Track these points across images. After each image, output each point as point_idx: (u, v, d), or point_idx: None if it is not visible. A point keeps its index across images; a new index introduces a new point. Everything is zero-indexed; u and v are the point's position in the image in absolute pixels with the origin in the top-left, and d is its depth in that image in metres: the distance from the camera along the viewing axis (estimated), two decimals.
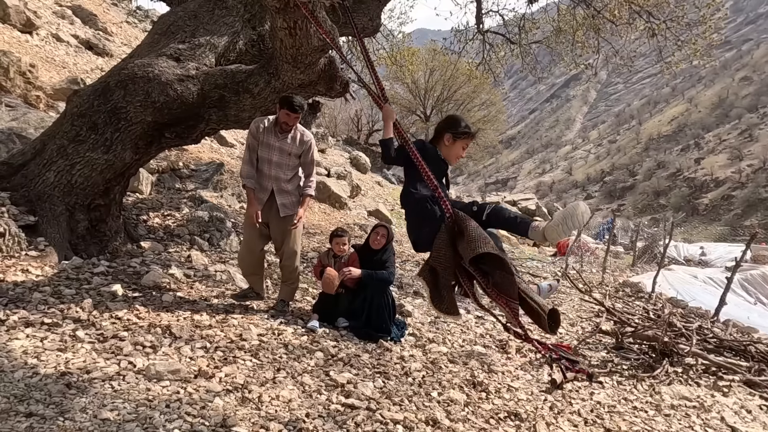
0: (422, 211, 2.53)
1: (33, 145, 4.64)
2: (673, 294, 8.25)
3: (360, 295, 4.25)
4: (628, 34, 8.85)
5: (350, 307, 4.25)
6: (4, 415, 2.18)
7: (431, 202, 2.51)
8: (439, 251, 2.40)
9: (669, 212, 64.82)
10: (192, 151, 8.35)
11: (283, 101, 3.83)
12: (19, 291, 3.40)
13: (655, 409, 3.77)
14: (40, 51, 10.09)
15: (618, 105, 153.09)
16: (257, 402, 2.76)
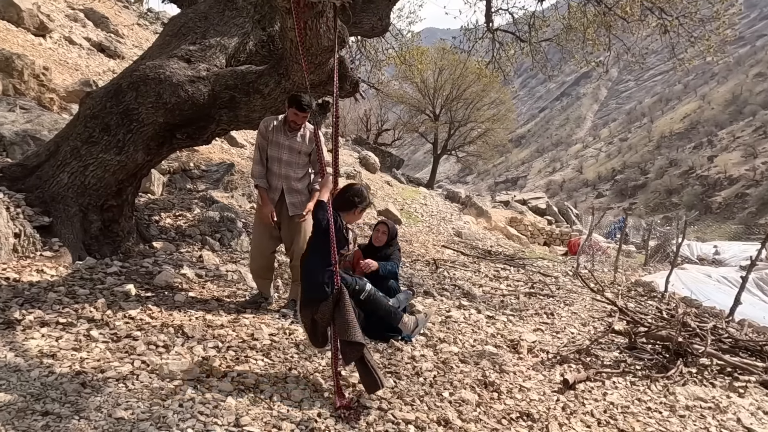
0: (315, 284, 3.07)
1: (47, 147, 4.69)
2: (686, 293, 8.16)
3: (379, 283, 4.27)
4: (640, 31, 8.76)
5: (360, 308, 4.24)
6: (21, 413, 2.21)
7: (326, 275, 3.03)
8: (324, 313, 3.01)
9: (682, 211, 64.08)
10: (203, 151, 8.41)
11: (291, 100, 3.85)
12: (34, 291, 3.44)
13: (669, 410, 3.73)
14: (53, 54, 10.21)
15: (629, 103, 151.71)
16: (269, 401, 2.77)
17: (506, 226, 17.07)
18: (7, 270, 3.62)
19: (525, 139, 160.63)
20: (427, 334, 4.43)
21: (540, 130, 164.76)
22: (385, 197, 14.07)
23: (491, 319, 5.21)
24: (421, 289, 5.97)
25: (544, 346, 4.67)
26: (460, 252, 9.76)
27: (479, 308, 5.49)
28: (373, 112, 30.50)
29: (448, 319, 4.94)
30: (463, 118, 29.32)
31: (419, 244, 9.83)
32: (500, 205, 22.29)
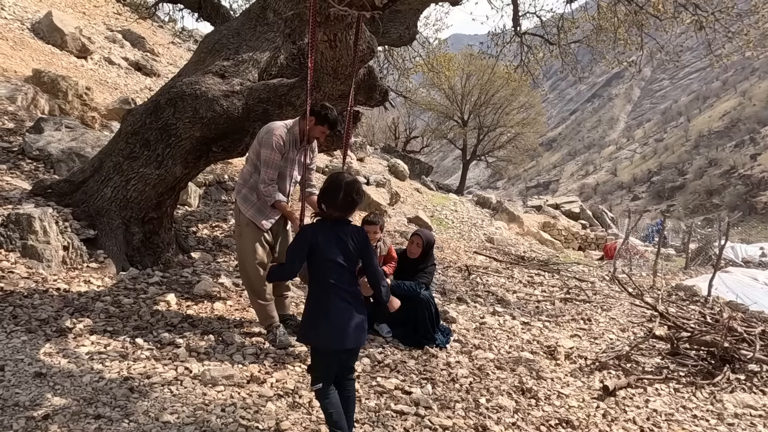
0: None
1: (91, 163, 4.91)
2: (731, 297, 7.84)
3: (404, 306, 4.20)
4: (674, 28, 8.53)
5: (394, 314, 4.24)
6: (75, 416, 2.32)
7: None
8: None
9: (724, 212, 61.67)
10: (236, 164, 8.62)
11: (323, 119, 3.49)
12: (83, 300, 3.60)
13: (717, 418, 3.60)
14: (94, 74, 10.68)
15: (664, 102, 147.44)
16: (308, 407, 2.81)
17: (539, 231, 16.80)
18: (58, 281, 3.80)
19: (556, 142, 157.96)
20: (462, 340, 4.41)
21: (571, 132, 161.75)
22: (415, 204, 14.07)
23: (526, 326, 5.15)
24: (454, 295, 5.94)
25: (581, 352, 4.58)
26: (493, 258, 9.67)
27: (514, 314, 5.43)
28: (402, 119, 30.60)
29: (482, 325, 4.91)
30: (492, 123, 29.12)
31: (450, 250, 9.78)
32: (532, 209, 21.95)
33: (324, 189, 2.41)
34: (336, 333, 2.36)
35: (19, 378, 2.57)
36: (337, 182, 2.39)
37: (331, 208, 2.38)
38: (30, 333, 3.05)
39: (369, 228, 3.95)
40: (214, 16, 6.66)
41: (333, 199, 2.37)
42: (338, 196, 2.36)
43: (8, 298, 3.35)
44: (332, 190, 2.37)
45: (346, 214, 2.42)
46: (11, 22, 10.41)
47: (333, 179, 2.42)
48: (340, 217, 2.41)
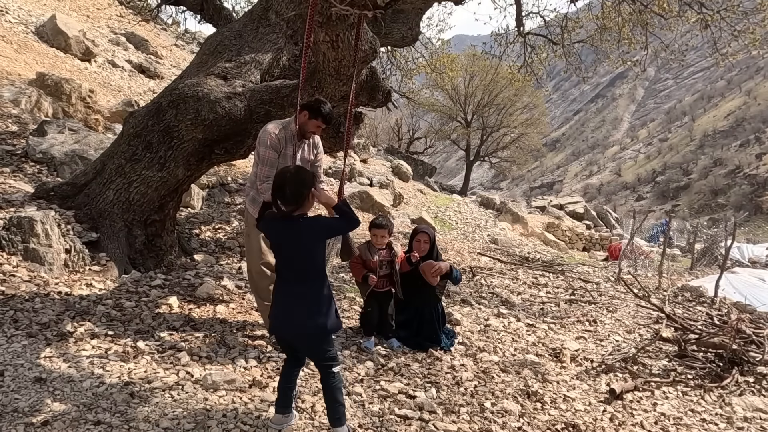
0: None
1: (94, 166, 4.90)
2: (738, 298, 7.76)
3: (410, 307, 4.16)
4: (679, 27, 8.47)
5: (400, 318, 4.21)
6: (75, 422, 2.29)
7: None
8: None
9: (729, 212, 61.31)
10: (239, 166, 8.61)
11: (316, 112, 3.46)
12: (84, 304, 3.58)
13: (726, 422, 3.54)
14: (98, 77, 10.70)
15: (668, 101, 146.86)
16: (310, 412, 2.78)
17: (543, 231, 16.72)
18: (60, 284, 3.79)
19: (560, 142, 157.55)
20: (467, 343, 4.36)
21: (575, 133, 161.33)
22: (418, 205, 14.03)
23: (531, 327, 5.10)
24: (458, 297, 5.90)
25: (587, 354, 4.53)
26: (497, 259, 9.61)
27: (519, 316, 5.38)
28: (405, 120, 30.60)
29: (487, 327, 4.86)
30: (496, 123, 29.08)
31: (454, 251, 9.74)
32: (536, 210, 21.87)
33: (273, 185, 2.45)
34: (276, 320, 2.51)
35: (18, 383, 2.55)
36: (283, 175, 2.45)
37: (283, 205, 2.39)
38: (30, 337, 3.03)
39: (376, 232, 3.95)
40: (217, 17, 6.65)
41: (282, 194, 2.39)
42: (286, 189, 2.38)
43: (9, 302, 3.33)
44: (280, 184, 2.41)
45: (299, 205, 2.42)
46: (16, 25, 10.45)
47: (279, 173, 2.49)
48: (293, 210, 2.41)
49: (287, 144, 3.52)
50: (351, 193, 10.45)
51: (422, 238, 4.26)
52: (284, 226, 2.46)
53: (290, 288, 2.45)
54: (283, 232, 2.48)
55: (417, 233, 4.32)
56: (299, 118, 3.48)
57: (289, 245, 2.46)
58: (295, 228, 2.44)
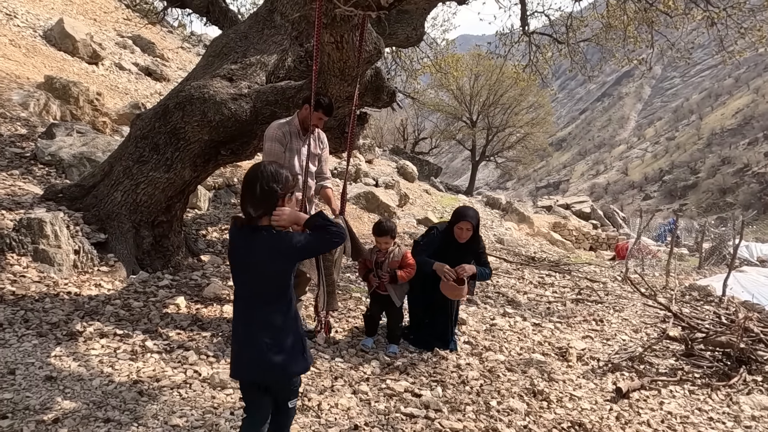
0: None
1: (102, 168, 4.95)
2: (746, 297, 7.70)
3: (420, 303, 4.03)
4: (685, 25, 8.43)
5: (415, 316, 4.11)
6: (85, 420, 2.32)
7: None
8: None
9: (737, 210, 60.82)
10: (245, 167, 8.65)
11: (316, 104, 3.47)
12: (93, 304, 3.62)
13: (733, 421, 3.53)
14: (105, 80, 10.79)
15: (675, 100, 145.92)
16: (317, 410, 2.80)
17: (549, 231, 16.68)
18: (69, 284, 3.83)
19: (566, 142, 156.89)
20: (472, 342, 4.37)
21: (581, 132, 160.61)
22: (424, 206, 14.03)
23: (537, 327, 5.09)
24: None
25: (594, 353, 4.52)
26: (503, 259, 9.60)
27: (525, 316, 5.38)
28: (410, 121, 30.62)
29: (492, 327, 4.86)
30: (501, 123, 29.04)
31: None
32: (542, 210, 21.81)
33: (243, 182, 2.03)
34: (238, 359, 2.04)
35: (29, 381, 2.58)
36: (255, 169, 1.99)
37: (251, 207, 1.96)
38: (41, 336, 3.07)
39: (378, 240, 3.78)
40: (222, 20, 6.70)
41: (251, 193, 1.96)
42: (256, 187, 1.95)
43: (20, 302, 3.38)
44: (251, 180, 1.97)
45: (268, 211, 1.96)
46: (24, 29, 10.55)
47: (252, 167, 2.02)
48: (261, 216, 1.96)
49: (292, 138, 3.60)
50: (356, 193, 10.47)
51: (465, 225, 3.75)
52: (245, 236, 1.98)
53: (250, 314, 2.00)
54: (242, 243, 2.00)
55: (459, 219, 3.76)
56: (301, 112, 3.62)
57: (249, 262, 1.99)
58: (258, 242, 1.95)
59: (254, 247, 1.96)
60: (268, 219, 1.97)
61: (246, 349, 2.00)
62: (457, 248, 3.86)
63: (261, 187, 1.94)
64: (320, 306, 3.45)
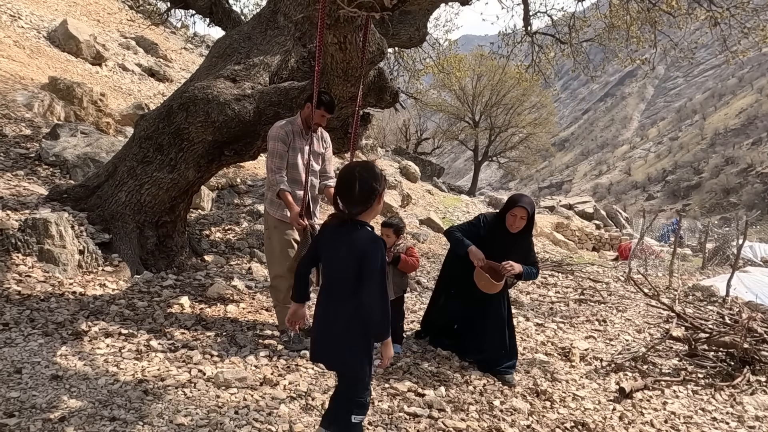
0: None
1: (106, 168, 4.98)
2: (750, 298, 7.69)
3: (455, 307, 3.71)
4: (688, 25, 8.41)
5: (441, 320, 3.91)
6: (91, 418, 2.34)
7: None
8: None
9: (741, 210, 60.64)
10: (248, 167, 8.67)
11: (318, 102, 3.46)
12: (98, 304, 3.64)
13: (737, 421, 3.53)
14: (108, 80, 10.83)
15: (678, 100, 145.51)
16: (320, 409, 2.81)
17: (552, 231, 16.65)
18: (74, 284, 3.85)
19: (568, 142, 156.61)
20: None
21: (584, 132, 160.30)
22: (426, 206, 14.03)
23: (540, 327, 5.10)
24: None
25: (597, 353, 4.52)
26: None
27: (527, 316, 5.38)
28: (412, 121, 30.61)
29: None
30: (504, 123, 29.02)
31: None
32: (545, 210, 21.78)
33: (337, 184, 2.09)
34: (313, 344, 2.22)
35: (36, 380, 2.60)
36: (350, 169, 2.05)
37: (348, 204, 2.04)
38: (47, 336, 3.09)
39: (382, 231, 3.74)
40: (226, 21, 6.72)
41: (349, 192, 2.03)
42: (355, 187, 2.01)
43: (26, 302, 3.40)
44: (346, 182, 2.04)
45: (365, 207, 2.05)
46: (28, 30, 10.60)
47: (346, 167, 2.09)
48: (358, 214, 2.05)
49: (295, 137, 3.62)
50: None
51: (519, 212, 3.39)
52: (339, 233, 2.08)
53: (331, 309, 2.13)
54: (336, 239, 2.08)
55: (513, 204, 3.44)
56: (303, 111, 3.63)
57: (337, 260, 2.08)
58: (352, 236, 2.04)
59: (348, 240, 2.05)
60: (367, 215, 2.07)
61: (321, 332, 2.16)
62: (504, 240, 3.48)
63: (360, 186, 2.02)
64: None
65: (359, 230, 2.05)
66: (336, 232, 2.10)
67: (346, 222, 2.06)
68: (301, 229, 3.52)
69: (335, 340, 2.12)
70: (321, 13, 2.94)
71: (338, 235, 2.09)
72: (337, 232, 2.10)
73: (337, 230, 2.10)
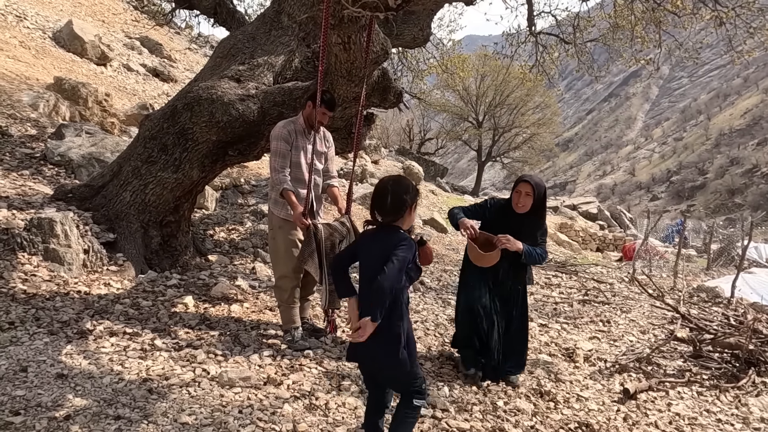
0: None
1: (111, 168, 5.00)
2: (755, 299, 7.65)
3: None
4: (693, 25, 8.38)
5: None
6: (96, 417, 2.35)
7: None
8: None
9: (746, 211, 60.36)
10: (252, 167, 8.69)
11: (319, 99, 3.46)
12: (103, 303, 3.66)
13: (742, 422, 3.51)
14: (113, 81, 10.87)
15: (683, 100, 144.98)
16: (324, 409, 2.81)
17: (556, 232, 16.62)
18: (79, 283, 3.87)
19: (572, 142, 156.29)
20: None
21: (588, 132, 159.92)
22: (430, 206, 14.03)
23: (544, 327, 5.09)
24: None
25: (601, 354, 4.51)
26: None
27: (531, 316, 5.36)
28: (416, 121, 30.63)
29: None
30: (507, 123, 29.00)
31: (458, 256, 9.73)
32: (549, 210, 21.72)
33: (373, 196, 2.28)
34: (353, 349, 2.30)
35: (41, 379, 2.62)
36: (383, 184, 2.26)
37: (382, 214, 2.23)
38: (52, 335, 3.10)
39: None
40: (230, 21, 6.74)
41: (383, 203, 2.22)
42: (387, 198, 2.21)
43: (31, 301, 3.41)
44: (380, 194, 2.23)
45: (397, 216, 2.23)
46: (33, 31, 10.66)
47: (379, 183, 2.29)
48: (391, 222, 2.23)
49: (298, 136, 3.63)
50: (362, 194, 10.48)
51: (524, 188, 3.24)
52: (374, 238, 2.28)
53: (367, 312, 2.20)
54: (372, 244, 2.28)
55: (520, 181, 3.31)
56: (305, 110, 3.64)
57: (374, 256, 2.22)
58: (387, 240, 2.21)
59: (383, 243, 2.21)
60: (400, 223, 2.25)
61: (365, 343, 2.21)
62: (511, 223, 3.31)
63: (392, 198, 2.21)
64: (321, 304, 3.49)
65: (393, 233, 2.24)
66: (373, 237, 2.31)
67: (381, 228, 2.27)
68: (304, 228, 3.51)
69: (375, 342, 2.20)
70: (325, 13, 2.95)
71: (374, 239, 2.29)
72: (373, 237, 2.30)
73: (374, 236, 2.30)
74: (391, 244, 2.18)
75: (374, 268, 2.17)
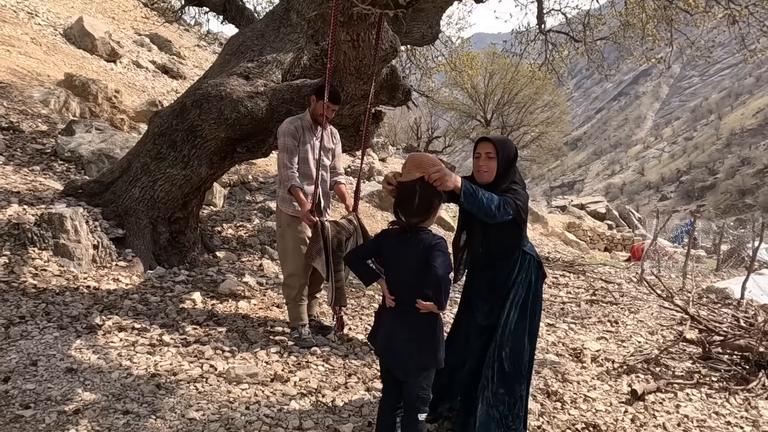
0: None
1: (120, 164, 5.03)
2: (766, 301, 7.58)
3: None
4: (705, 23, 8.29)
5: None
6: (104, 411, 2.37)
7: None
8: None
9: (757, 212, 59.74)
10: (260, 164, 8.72)
11: (321, 93, 3.46)
12: (112, 298, 3.68)
13: (752, 425, 3.48)
14: (123, 77, 10.94)
15: (694, 99, 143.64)
16: (331, 406, 2.82)
17: (564, 231, 16.54)
18: (88, 279, 3.90)
19: (581, 141, 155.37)
20: None
21: (597, 131, 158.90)
22: None
23: (551, 327, 5.06)
24: None
25: (608, 355, 4.48)
26: None
27: None
28: (424, 119, 30.55)
29: None
30: (516, 122, 28.85)
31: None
32: (557, 210, 21.63)
33: (398, 197, 2.26)
34: (377, 344, 2.37)
35: (51, 373, 2.64)
36: (411, 186, 2.22)
37: (407, 215, 2.22)
38: (61, 329, 3.13)
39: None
40: (239, 18, 6.75)
41: (410, 205, 2.21)
42: (414, 201, 2.19)
43: (41, 295, 3.45)
44: (407, 196, 2.22)
45: (424, 218, 2.22)
46: (44, 28, 10.74)
47: (405, 185, 2.25)
48: (417, 223, 2.22)
49: (305, 132, 3.62)
50: (370, 191, 10.48)
51: (483, 149, 2.54)
52: (401, 239, 2.26)
53: (395, 312, 2.26)
54: (399, 246, 2.27)
55: (479, 141, 2.60)
56: (311, 106, 3.63)
57: (404, 262, 2.23)
58: (418, 241, 2.20)
59: (412, 245, 2.20)
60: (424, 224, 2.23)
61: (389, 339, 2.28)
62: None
63: (420, 199, 2.19)
64: (328, 301, 3.50)
65: (421, 234, 2.23)
66: (400, 239, 2.27)
67: (406, 230, 2.24)
68: (312, 225, 3.50)
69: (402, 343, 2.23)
70: (334, 10, 2.94)
71: (402, 241, 2.26)
72: (400, 239, 2.27)
73: (400, 237, 2.27)
74: (426, 244, 2.18)
75: (408, 269, 2.20)
